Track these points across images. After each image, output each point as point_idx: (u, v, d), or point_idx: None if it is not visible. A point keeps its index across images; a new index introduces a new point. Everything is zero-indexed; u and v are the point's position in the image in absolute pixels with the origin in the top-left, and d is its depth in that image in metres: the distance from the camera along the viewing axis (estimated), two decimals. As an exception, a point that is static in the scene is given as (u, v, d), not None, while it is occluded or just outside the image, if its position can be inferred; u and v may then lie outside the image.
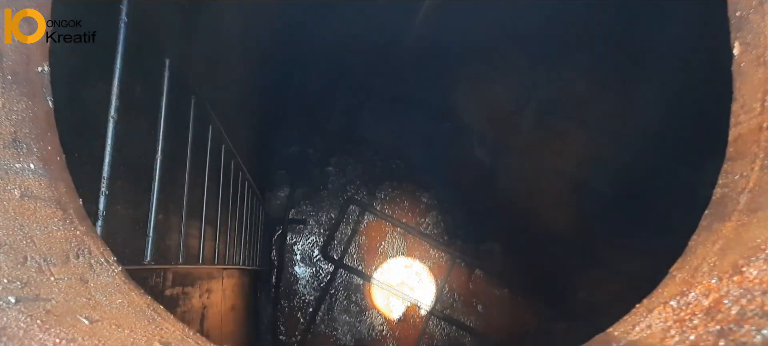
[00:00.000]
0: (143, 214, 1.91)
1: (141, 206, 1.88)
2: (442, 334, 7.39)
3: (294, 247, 7.49)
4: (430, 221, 7.57)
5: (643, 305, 1.42)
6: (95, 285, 1.20)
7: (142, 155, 1.94)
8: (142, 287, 1.50)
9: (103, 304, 1.15)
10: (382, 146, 7.59)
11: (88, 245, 1.25)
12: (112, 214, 1.73)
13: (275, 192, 7.50)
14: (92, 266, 1.24)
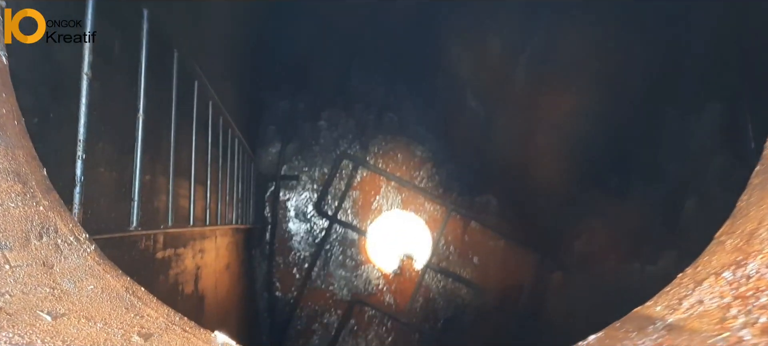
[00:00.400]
0: (128, 177, 1.79)
1: (125, 168, 1.77)
2: (439, 286, 7.41)
3: (287, 203, 7.41)
4: (425, 174, 7.49)
5: (688, 275, 1.24)
6: (62, 270, 1.05)
7: (123, 115, 1.82)
8: (129, 252, 1.41)
9: (70, 293, 1.01)
10: (374, 99, 7.44)
11: (53, 221, 1.11)
12: (93, 179, 1.62)
13: (266, 148, 7.37)
14: (59, 247, 1.09)
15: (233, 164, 3.79)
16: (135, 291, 1.19)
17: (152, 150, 2.22)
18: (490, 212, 7.47)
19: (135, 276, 2.11)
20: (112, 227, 1.78)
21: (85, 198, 1.53)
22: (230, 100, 4.62)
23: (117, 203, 1.83)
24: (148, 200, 2.18)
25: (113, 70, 1.73)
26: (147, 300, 1.19)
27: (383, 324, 7.33)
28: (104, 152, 1.75)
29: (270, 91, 7.39)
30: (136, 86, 1.78)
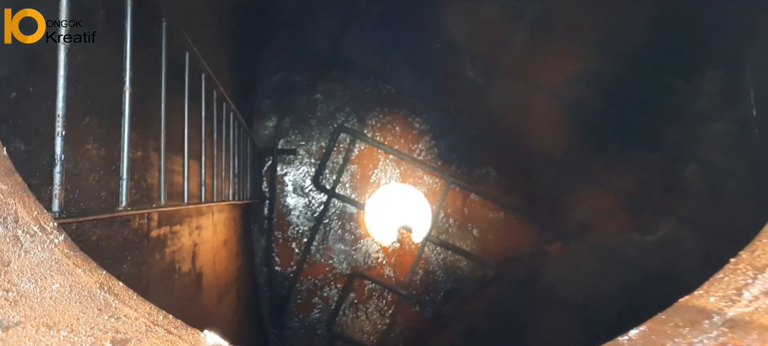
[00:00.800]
0: (118, 154, 1.71)
1: (115, 144, 1.69)
2: (438, 259, 7.39)
3: (285, 178, 7.35)
4: (423, 146, 7.42)
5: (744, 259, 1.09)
6: (21, 267, 0.92)
7: (107, 87, 1.73)
8: (121, 232, 1.33)
9: (30, 295, 0.88)
10: (370, 71, 7.33)
11: (13, 209, 0.97)
12: (80, 156, 1.54)
13: (262, 122, 7.27)
14: (18, 239, 0.95)
15: (229, 139, 3.70)
16: (111, 287, 1.04)
17: (143, 125, 2.14)
18: (489, 183, 7.42)
19: (128, 256, 2.05)
20: (103, 206, 1.71)
21: (69, 177, 1.46)
22: (224, 73, 4.51)
23: (107, 180, 1.76)
24: (140, 178, 2.10)
25: (99, 41, 1.64)
26: (125, 298, 1.04)
27: (383, 297, 7.33)
28: (91, 128, 1.67)
29: (265, 64, 7.27)
30: (120, 57, 1.68)
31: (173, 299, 2.69)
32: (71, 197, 1.53)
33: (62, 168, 1.18)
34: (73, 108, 1.52)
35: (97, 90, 1.69)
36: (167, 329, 0.99)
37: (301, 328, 7.26)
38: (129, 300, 1.04)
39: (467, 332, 7.40)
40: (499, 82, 7.46)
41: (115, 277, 1.90)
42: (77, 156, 1.57)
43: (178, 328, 1.00)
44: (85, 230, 1.62)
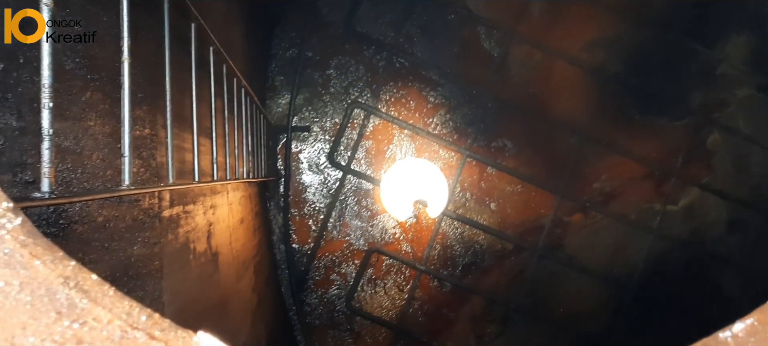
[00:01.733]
0: (117, 129, 1.64)
1: (119, 121, 1.62)
2: (456, 234, 7.32)
3: (300, 155, 7.29)
4: (439, 120, 7.31)
5: None
6: None
7: (104, 57, 1.65)
8: (130, 213, 1.23)
9: None
10: (384, 44, 7.20)
11: None
12: (78, 134, 1.47)
13: (275, 99, 7.20)
14: None
15: (241, 115, 3.63)
16: (80, 282, 0.84)
17: (151, 101, 2.07)
18: (506, 155, 7.31)
19: (139, 237, 2.00)
20: (109, 186, 1.65)
21: (71, 155, 1.39)
22: (235, 48, 4.43)
23: (113, 159, 1.69)
24: (149, 156, 2.04)
25: (98, 9, 1.56)
26: (98, 295, 0.84)
27: (401, 272, 7.30)
28: (93, 103, 1.60)
29: (277, 40, 7.17)
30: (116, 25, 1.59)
31: (189, 278, 2.65)
32: (73, 176, 1.47)
33: (52, 144, 1.11)
34: (73, 81, 1.45)
35: (99, 62, 1.61)
36: (150, 333, 0.81)
37: (320, 304, 7.27)
38: (102, 298, 0.83)
39: (488, 305, 7.36)
40: (516, 51, 7.30)
41: (127, 258, 1.85)
42: (79, 133, 1.51)
43: (164, 330, 0.82)
44: (90, 212, 1.57)
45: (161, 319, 0.83)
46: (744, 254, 7.53)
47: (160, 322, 0.83)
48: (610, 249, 7.46)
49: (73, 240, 1.45)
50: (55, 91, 1.15)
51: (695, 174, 7.52)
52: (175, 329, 0.83)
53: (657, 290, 7.43)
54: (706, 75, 7.48)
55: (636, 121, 7.42)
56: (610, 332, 7.39)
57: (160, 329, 0.82)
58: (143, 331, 0.81)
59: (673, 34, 7.38)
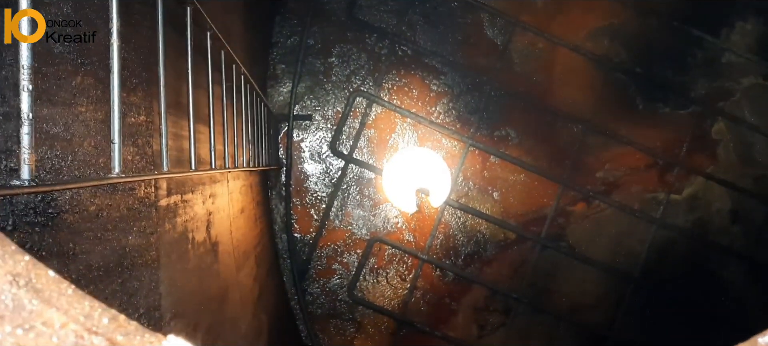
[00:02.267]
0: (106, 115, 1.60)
1: (106, 105, 1.57)
2: (458, 223, 7.29)
3: (301, 144, 7.25)
4: (441, 109, 7.25)
5: None
6: None
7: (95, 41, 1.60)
8: (125, 201, 1.17)
9: None
10: (386, 32, 7.13)
11: None
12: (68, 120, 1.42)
13: (277, 87, 7.15)
14: None
15: (240, 103, 3.59)
16: (32, 280, 0.74)
17: (147, 87, 2.02)
18: (509, 144, 7.26)
19: (134, 226, 1.96)
20: (101, 174, 1.61)
21: (60, 142, 1.35)
22: (235, 35, 4.38)
23: (106, 146, 1.65)
24: (144, 143, 1.99)
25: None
26: (53, 294, 0.74)
27: (403, 261, 7.28)
28: (84, 88, 1.55)
29: (278, 28, 7.11)
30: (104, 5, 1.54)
31: (188, 268, 2.61)
32: (63, 164, 1.43)
33: (32, 129, 1.06)
34: (62, 65, 1.40)
35: (90, 46, 1.57)
36: (111, 338, 0.71)
37: (322, 294, 7.25)
38: (58, 298, 0.73)
39: (490, 295, 7.34)
40: (519, 40, 7.23)
41: (121, 248, 1.82)
42: (68, 119, 1.46)
43: (128, 335, 0.73)
44: (82, 200, 1.53)
45: (127, 321, 0.74)
46: (747, 244, 7.49)
47: (125, 325, 0.74)
48: (613, 239, 7.42)
49: (62, 230, 1.42)
50: (41, 74, 1.11)
51: (699, 163, 7.47)
52: (142, 333, 0.73)
53: (660, 280, 7.40)
54: (711, 63, 7.41)
55: (640, 110, 7.36)
56: (612, 323, 7.37)
57: (124, 332, 0.72)
58: (103, 336, 0.71)
59: (678, 22, 7.31)
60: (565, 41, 7.19)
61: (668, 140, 7.42)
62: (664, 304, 7.40)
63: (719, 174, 7.45)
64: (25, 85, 1.04)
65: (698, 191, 7.50)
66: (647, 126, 7.37)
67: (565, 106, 7.26)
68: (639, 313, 7.39)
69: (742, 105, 7.48)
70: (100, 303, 0.74)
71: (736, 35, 7.48)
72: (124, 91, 1.82)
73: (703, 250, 7.50)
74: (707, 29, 7.37)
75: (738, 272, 7.51)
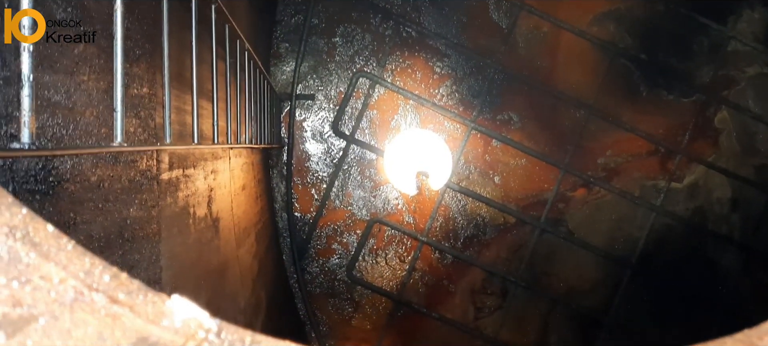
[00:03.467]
0: (109, 85, 1.59)
1: (108, 75, 1.56)
2: (459, 206, 7.30)
3: (304, 123, 7.23)
4: (444, 91, 7.22)
5: None
6: None
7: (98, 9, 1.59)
8: (127, 173, 1.16)
9: None
10: (390, 13, 7.08)
11: None
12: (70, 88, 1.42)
13: (280, 66, 7.12)
14: None
15: (244, 79, 3.57)
16: (29, 234, 0.69)
17: (150, 58, 2.01)
18: (512, 128, 7.24)
19: (135, 199, 1.97)
20: (103, 145, 1.61)
21: (62, 110, 1.34)
22: (239, 10, 4.35)
23: (107, 116, 1.65)
24: (147, 116, 1.99)
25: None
26: (51, 249, 0.69)
27: (403, 243, 7.30)
28: (87, 57, 1.54)
29: (282, 5, 7.06)
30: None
31: (188, 242, 2.62)
32: (64, 132, 1.42)
33: (33, 91, 1.05)
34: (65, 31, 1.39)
35: (93, 14, 1.55)
36: (112, 296, 0.67)
37: (321, 273, 7.28)
38: (56, 253, 0.69)
39: (487, 278, 7.37)
40: (524, 23, 7.18)
41: (122, 220, 1.82)
42: (71, 87, 1.46)
43: (131, 293, 0.68)
44: (83, 170, 1.53)
45: (129, 280, 0.70)
46: (746, 233, 7.50)
47: (127, 283, 0.70)
48: (612, 225, 7.43)
49: (63, 199, 1.41)
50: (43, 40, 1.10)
51: (701, 152, 7.45)
52: (145, 293, 0.70)
53: (657, 267, 7.42)
54: (716, 51, 7.36)
55: (643, 96, 7.33)
56: (608, 308, 7.41)
57: (126, 291, 0.68)
58: (104, 293, 0.67)
59: (685, 8, 7.24)
60: (570, 25, 7.14)
61: (671, 127, 7.39)
62: (661, 290, 7.43)
63: (721, 163, 7.44)
64: (26, 46, 1.03)
65: (699, 179, 7.49)
66: (650, 113, 7.34)
67: (568, 91, 7.23)
68: (636, 299, 7.42)
69: (747, 94, 7.45)
70: (102, 261, 0.71)
71: (743, 23, 7.42)
72: (127, 61, 1.81)
73: (701, 238, 7.51)
74: (714, 16, 7.30)
75: (736, 260, 7.52)
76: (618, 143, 7.34)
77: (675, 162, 7.38)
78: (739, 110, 7.40)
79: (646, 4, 7.22)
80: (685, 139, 7.37)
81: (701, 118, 7.41)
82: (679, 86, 7.34)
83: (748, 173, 7.47)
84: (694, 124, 7.37)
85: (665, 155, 7.41)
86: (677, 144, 7.37)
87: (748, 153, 7.47)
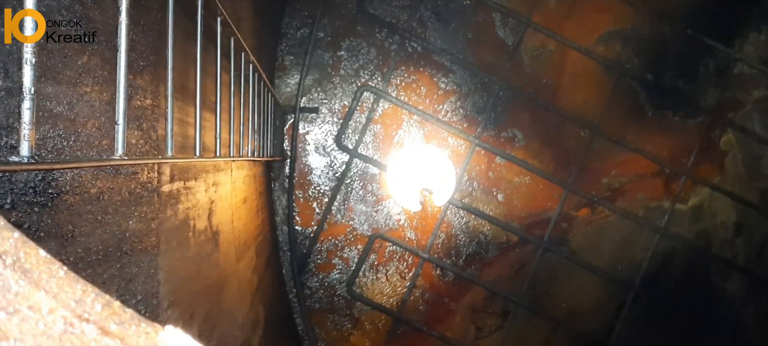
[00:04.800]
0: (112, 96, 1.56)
1: (112, 87, 1.54)
2: (461, 223, 7.25)
3: (307, 136, 7.21)
4: (449, 107, 7.21)
5: None
6: None
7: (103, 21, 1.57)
8: (127, 185, 1.14)
9: None
10: (396, 27, 7.09)
11: None
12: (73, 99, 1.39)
13: (284, 79, 7.11)
14: None
15: (248, 92, 3.55)
16: (20, 260, 0.66)
17: (154, 70, 1.99)
18: (516, 146, 7.21)
19: (135, 211, 1.93)
20: (104, 157, 1.58)
21: (63, 122, 1.31)
22: (244, 23, 4.34)
23: (110, 128, 1.62)
24: (149, 128, 1.96)
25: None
26: (42, 276, 0.66)
27: (404, 259, 7.24)
28: (90, 68, 1.52)
29: (288, 18, 7.07)
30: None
31: (187, 255, 2.58)
32: (65, 144, 1.39)
33: (33, 104, 1.03)
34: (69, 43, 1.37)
35: (98, 26, 1.53)
36: (104, 326, 0.64)
37: (320, 288, 7.22)
38: (48, 280, 0.66)
39: (489, 297, 7.30)
40: (530, 40, 7.18)
41: (121, 232, 1.78)
42: (73, 99, 1.43)
43: (123, 324, 0.66)
44: (83, 182, 1.49)
45: (122, 309, 0.68)
46: (750, 258, 7.44)
47: (120, 312, 0.67)
48: (616, 246, 7.37)
49: (62, 211, 1.38)
50: (47, 50, 1.07)
51: (706, 174, 7.41)
52: (138, 323, 0.68)
53: (661, 290, 7.35)
54: (722, 73, 7.34)
55: (649, 117, 7.31)
56: (611, 331, 7.33)
57: (118, 321, 0.66)
58: (95, 323, 0.65)
59: (691, 30, 7.24)
60: (577, 44, 7.14)
61: (676, 149, 7.36)
62: (664, 314, 7.35)
63: (726, 186, 7.40)
64: (28, 58, 1.00)
65: (703, 201, 7.44)
66: (655, 133, 7.32)
67: (573, 110, 7.21)
68: (639, 321, 7.34)
69: (753, 117, 7.42)
70: (94, 288, 0.68)
71: (750, 46, 7.41)
72: (130, 73, 1.79)
73: (705, 261, 7.45)
74: (720, 39, 7.30)
75: (739, 286, 7.45)
76: (623, 164, 7.31)
77: (680, 184, 7.34)
78: (745, 133, 7.37)
79: (652, 25, 7.22)
80: (690, 161, 7.34)
81: (706, 140, 7.38)
82: (684, 108, 7.31)
83: (753, 197, 7.42)
84: (699, 146, 7.34)
85: (670, 177, 7.37)
86: (682, 166, 7.33)
87: (753, 177, 7.43)
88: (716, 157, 7.43)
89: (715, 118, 7.34)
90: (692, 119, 7.35)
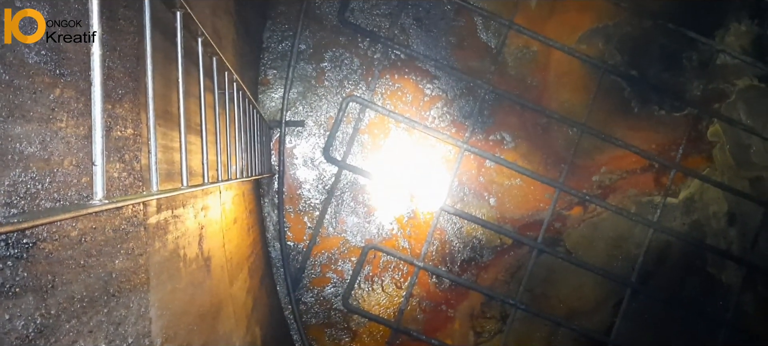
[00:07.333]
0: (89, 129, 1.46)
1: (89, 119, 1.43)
2: (454, 229, 7.18)
3: (294, 150, 7.11)
4: (435, 113, 7.14)
5: None
6: None
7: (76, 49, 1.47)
8: (111, 223, 1.05)
9: None
10: (378, 36, 7.02)
11: None
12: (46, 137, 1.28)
13: (268, 93, 7.01)
14: None
15: (233, 111, 3.45)
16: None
17: (133, 97, 1.88)
18: (505, 148, 7.16)
19: (122, 249, 1.83)
20: (85, 195, 1.47)
21: (37, 163, 1.21)
22: (225, 40, 4.24)
23: (89, 164, 1.51)
24: (132, 158, 1.85)
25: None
26: None
27: (399, 269, 7.15)
28: (64, 102, 1.42)
29: (269, 32, 6.98)
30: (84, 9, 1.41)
31: (179, 287, 2.47)
32: (40, 187, 1.28)
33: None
34: (38, 76, 1.26)
35: (70, 55, 1.43)
36: None
37: (316, 303, 7.11)
38: None
39: (486, 301, 7.23)
40: (513, 42, 7.15)
41: (107, 274, 1.68)
42: (46, 137, 1.32)
43: None
44: (62, 225, 1.39)
45: None
46: (744, 247, 7.44)
47: None
48: (610, 243, 7.34)
49: (40, 261, 1.27)
50: (13, 88, 0.97)
51: (695, 166, 7.41)
52: None
53: (658, 284, 7.33)
54: (705, 65, 7.37)
55: (635, 112, 7.30)
56: (611, 328, 7.29)
57: None
58: None
59: (673, 23, 7.26)
60: (560, 43, 7.12)
61: (664, 143, 7.36)
62: (663, 308, 7.33)
63: (715, 176, 7.40)
64: None
65: (694, 193, 7.44)
66: (643, 128, 7.31)
67: (560, 109, 7.18)
68: (638, 317, 7.31)
69: (738, 107, 7.44)
70: None
71: (731, 37, 7.44)
72: (109, 102, 1.69)
73: (700, 253, 7.44)
74: (702, 31, 7.33)
75: (736, 275, 7.45)
76: (612, 160, 7.29)
77: (670, 177, 7.33)
78: (731, 123, 7.40)
79: (633, 21, 7.23)
80: (679, 153, 7.34)
81: (694, 132, 7.39)
82: (670, 101, 7.32)
83: (743, 186, 7.44)
84: (687, 139, 7.35)
85: (660, 171, 7.37)
86: (671, 159, 7.33)
87: (742, 166, 7.45)
88: (704, 149, 7.44)
89: (701, 109, 7.35)
90: (678, 112, 7.36)
